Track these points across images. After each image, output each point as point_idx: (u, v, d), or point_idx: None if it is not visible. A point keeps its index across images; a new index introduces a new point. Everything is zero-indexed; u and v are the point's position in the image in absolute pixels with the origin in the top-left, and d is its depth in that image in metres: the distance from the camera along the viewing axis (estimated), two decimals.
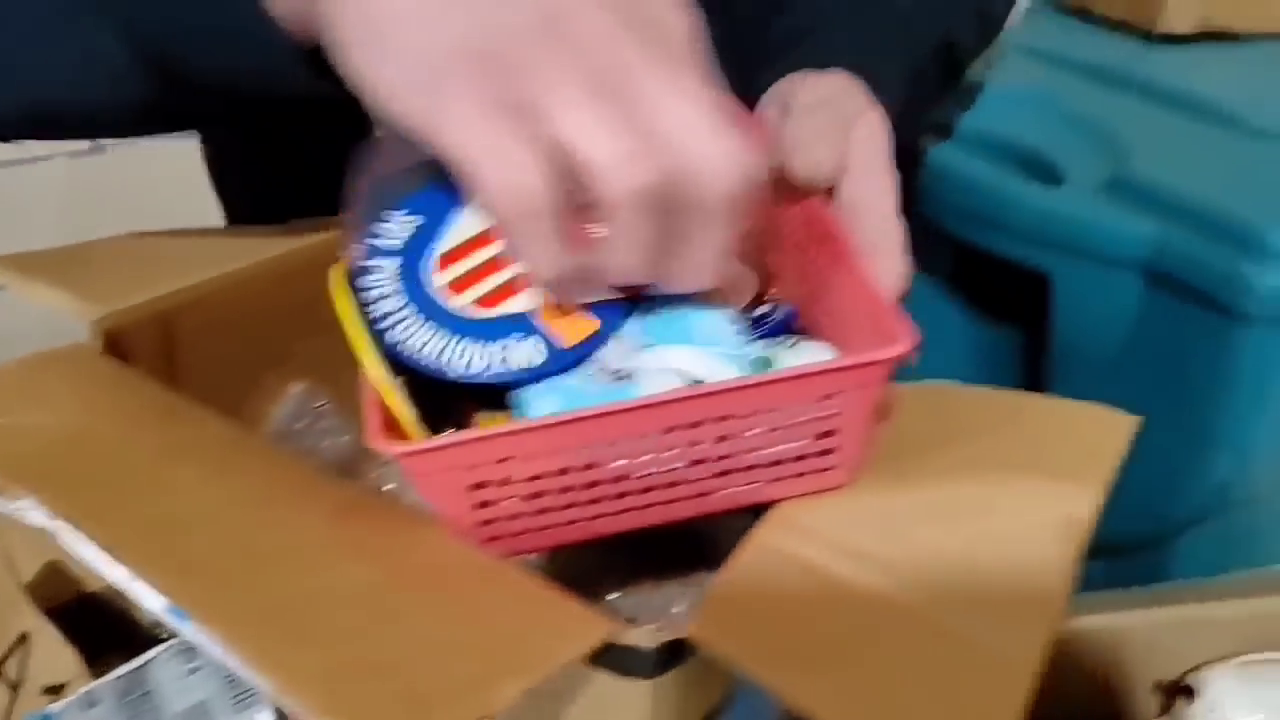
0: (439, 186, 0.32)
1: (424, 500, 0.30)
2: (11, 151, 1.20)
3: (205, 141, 0.66)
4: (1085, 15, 0.90)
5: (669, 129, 0.28)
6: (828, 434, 0.31)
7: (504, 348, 0.32)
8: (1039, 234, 0.67)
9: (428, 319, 0.32)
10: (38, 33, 0.37)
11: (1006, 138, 0.74)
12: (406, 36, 0.28)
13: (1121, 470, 0.42)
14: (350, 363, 0.32)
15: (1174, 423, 0.66)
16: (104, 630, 0.52)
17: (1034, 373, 0.76)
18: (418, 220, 0.33)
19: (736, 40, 0.48)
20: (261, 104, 0.38)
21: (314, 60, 0.34)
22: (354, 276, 0.33)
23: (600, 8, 0.28)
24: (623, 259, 0.29)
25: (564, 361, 0.33)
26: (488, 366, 0.32)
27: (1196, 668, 0.59)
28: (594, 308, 0.33)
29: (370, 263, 0.33)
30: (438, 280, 0.33)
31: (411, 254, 0.33)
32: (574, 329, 0.33)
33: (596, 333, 0.33)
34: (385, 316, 0.32)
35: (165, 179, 1.15)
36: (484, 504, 0.30)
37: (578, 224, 0.29)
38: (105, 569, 0.25)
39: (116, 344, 0.38)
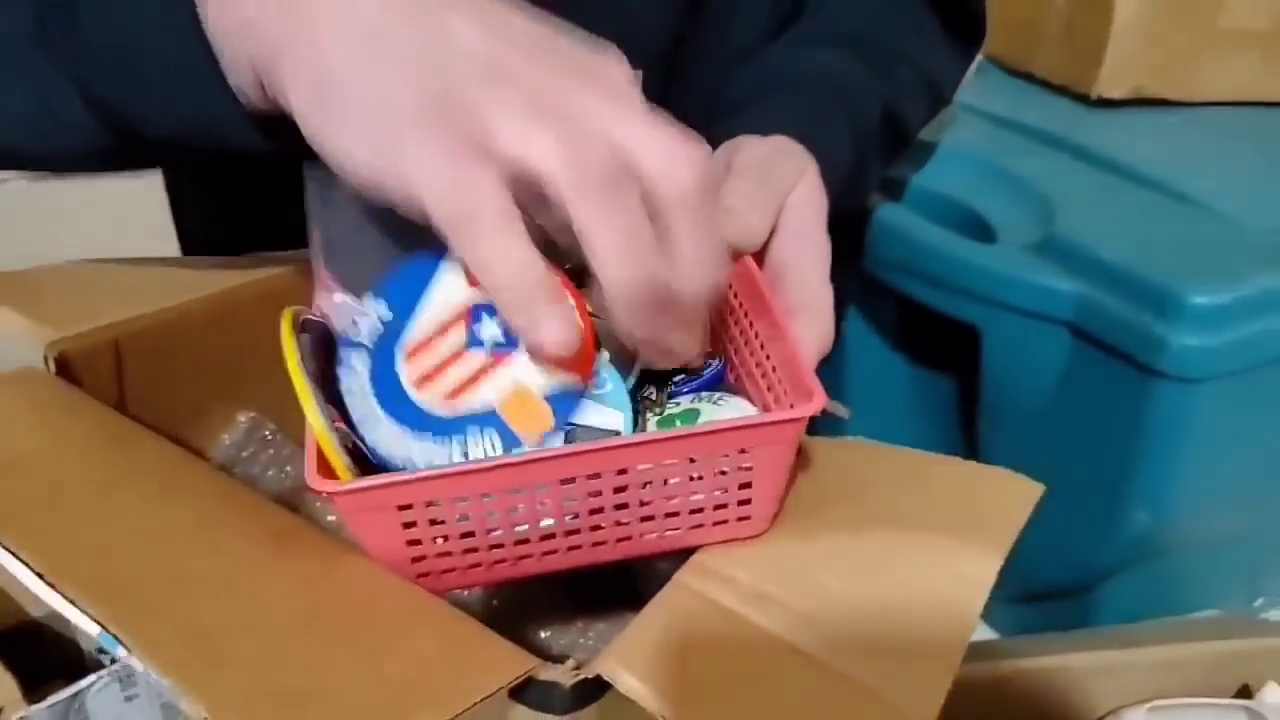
0: (411, 270, 0.34)
1: (357, 537, 0.31)
2: None
3: (166, 172, 0.67)
4: (1030, 79, 0.94)
5: (611, 133, 0.29)
6: (745, 485, 0.33)
7: (462, 443, 0.33)
8: (971, 290, 0.70)
9: (395, 418, 0.33)
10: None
11: (946, 196, 0.77)
12: (359, 98, 0.30)
13: (1049, 519, 0.44)
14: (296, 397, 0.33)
15: (1097, 474, 0.69)
16: (44, 657, 0.53)
17: (970, 420, 0.78)
18: (389, 311, 0.35)
19: (693, 106, 0.51)
20: (218, 157, 0.40)
21: (268, 122, 0.35)
22: (333, 364, 0.34)
23: (538, 52, 0.30)
24: (601, 247, 0.29)
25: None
26: (447, 463, 0.33)
27: (1114, 710, 0.61)
28: (549, 399, 0.33)
29: (343, 351, 0.34)
30: (405, 374, 0.34)
31: (382, 348, 0.34)
32: (533, 422, 0.33)
33: (550, 429, 0.33)
34: (355, 410, 0.34)
35: (123, 203, 1.16)
36: (414, 542, 0.31)
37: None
38: (42, 594, 0.26)
39: (68, 368, 0.39)
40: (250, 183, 0.55)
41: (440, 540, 0.32)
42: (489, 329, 0.34)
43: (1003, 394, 0.72)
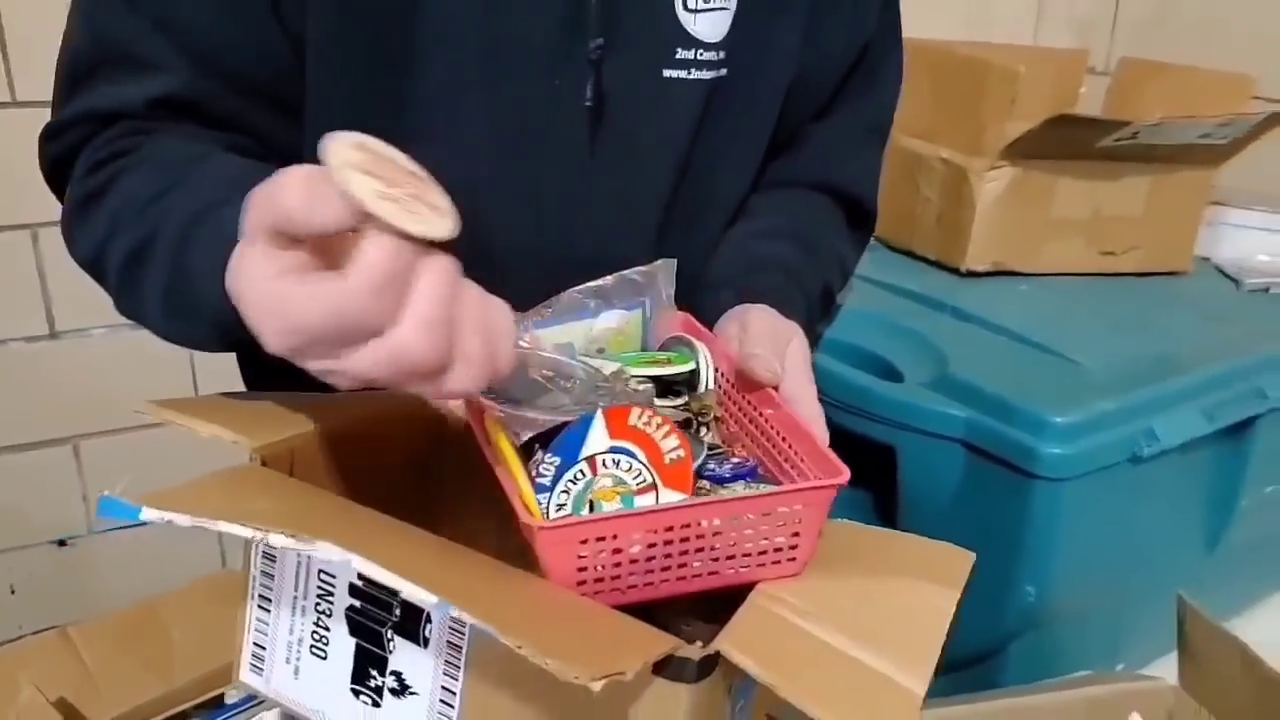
0: (571, 431, 0.51)
1: (545, 561, 0.46)
2: None
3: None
4: (909, 254, 1.18)
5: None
6: (795, 534, 0.50)
7: None
8: (887, 418, 0.89)
9: None
10: (163, 320, 0.57)
11: (860, 347, 0.97)
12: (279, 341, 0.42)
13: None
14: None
15: (992, 560, 0.86)
16: None
17: (892, 520, 0.96)
18: (557, 460, 0.51)
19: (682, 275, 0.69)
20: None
21: None
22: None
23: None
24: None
25: None
26: None
27: None
28: None
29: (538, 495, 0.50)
30: None
31: (552, 488, 0.50)
32: None
33: None
34: None
35: (115, 362, 1.31)
36: (582, 568, 0.46)
37: None
38: (389, 581, 0.39)
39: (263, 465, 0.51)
40: None
41: (599, 568, 0.47)
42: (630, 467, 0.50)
43: (916, 498, 0.91)
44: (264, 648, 0.51)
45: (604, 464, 0.51)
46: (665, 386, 0.61)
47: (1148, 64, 1.21)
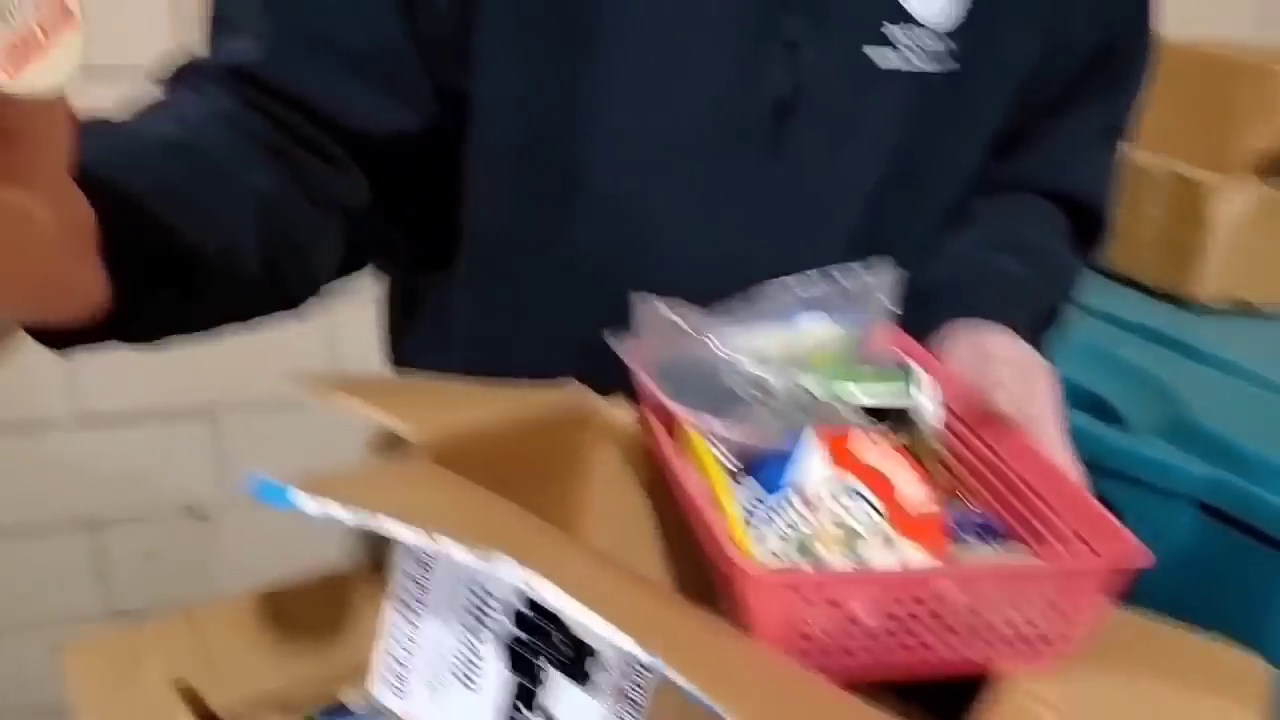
0: (778, 456, 0.43)
1: (754, 615, 0.37)
2: None
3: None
4: (1129, 282, 1.04)
5: None
6: (1067, 621, 0.39)
7: None
8: (1110, 468, 0.77)
9: None
10: None
11: (1073, 382, 0.85)
12: None
13: None
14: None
15: (1220, 636, 0.75)
16: None
17: None
18: (761, 490, 0.42)
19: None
20: None
21: None
22: None
23: None
24: None
25: None
26: None
27: None
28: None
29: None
30: None
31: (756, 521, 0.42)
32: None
33: None
34: None
35: (256, 334, 1.23)
36: (805, 635, 0.37)
37: None
38: (587, 621, 0.31)
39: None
40: None
41: (820, 633, 0.38)
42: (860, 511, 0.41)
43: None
44: (401, 663, 0.44)
45: (824, 501, 0.42)
46: (875, 417, 0.52)
47: None
